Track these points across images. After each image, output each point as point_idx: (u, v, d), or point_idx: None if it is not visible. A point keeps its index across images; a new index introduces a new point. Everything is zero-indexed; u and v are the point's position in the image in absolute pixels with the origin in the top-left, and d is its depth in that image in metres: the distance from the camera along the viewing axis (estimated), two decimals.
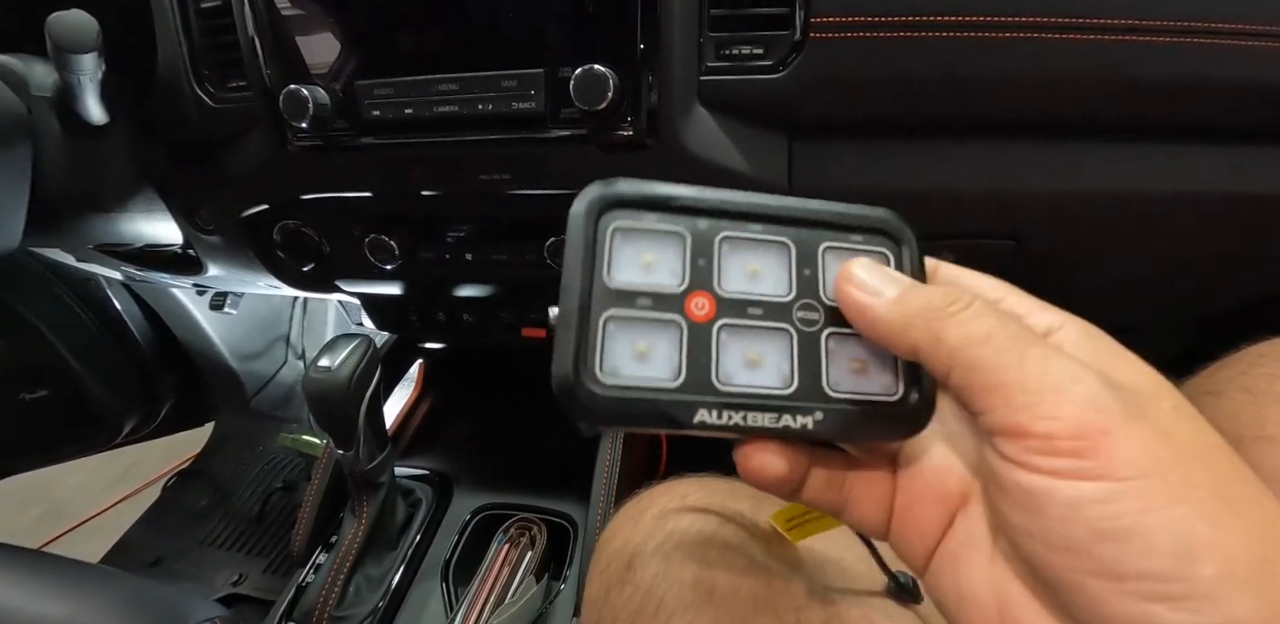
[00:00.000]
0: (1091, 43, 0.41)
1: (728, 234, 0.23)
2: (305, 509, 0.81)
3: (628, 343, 0.22)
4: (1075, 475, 0.17)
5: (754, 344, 0.23)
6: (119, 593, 0.49)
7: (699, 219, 0.23)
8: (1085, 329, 0.21)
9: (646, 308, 0.22)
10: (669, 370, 0.22)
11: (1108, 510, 0.17)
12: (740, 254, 0.23)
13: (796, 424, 0.22)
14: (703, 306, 0.22)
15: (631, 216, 0.23)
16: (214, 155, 0.58)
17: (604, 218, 0.23)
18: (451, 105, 0.47)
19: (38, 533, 1.23)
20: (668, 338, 0.22)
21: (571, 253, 0.22)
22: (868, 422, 0.23)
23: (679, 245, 0.23)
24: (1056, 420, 0.18)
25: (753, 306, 0.23)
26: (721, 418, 0.22)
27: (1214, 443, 0.19)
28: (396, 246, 0.58)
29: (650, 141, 0.46)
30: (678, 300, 0.22)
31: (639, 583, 0.35)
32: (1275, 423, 0.33)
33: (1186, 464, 0.18)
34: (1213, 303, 0.66)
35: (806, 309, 0.23)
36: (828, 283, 0.23)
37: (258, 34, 0.49)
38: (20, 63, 0.52)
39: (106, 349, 1.03)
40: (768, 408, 0.22)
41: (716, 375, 0.22)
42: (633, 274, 0.22)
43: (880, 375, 0.23)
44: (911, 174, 0.48)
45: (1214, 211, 0.50)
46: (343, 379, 0.66)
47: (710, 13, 0.44)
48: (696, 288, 0.22)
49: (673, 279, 0.22)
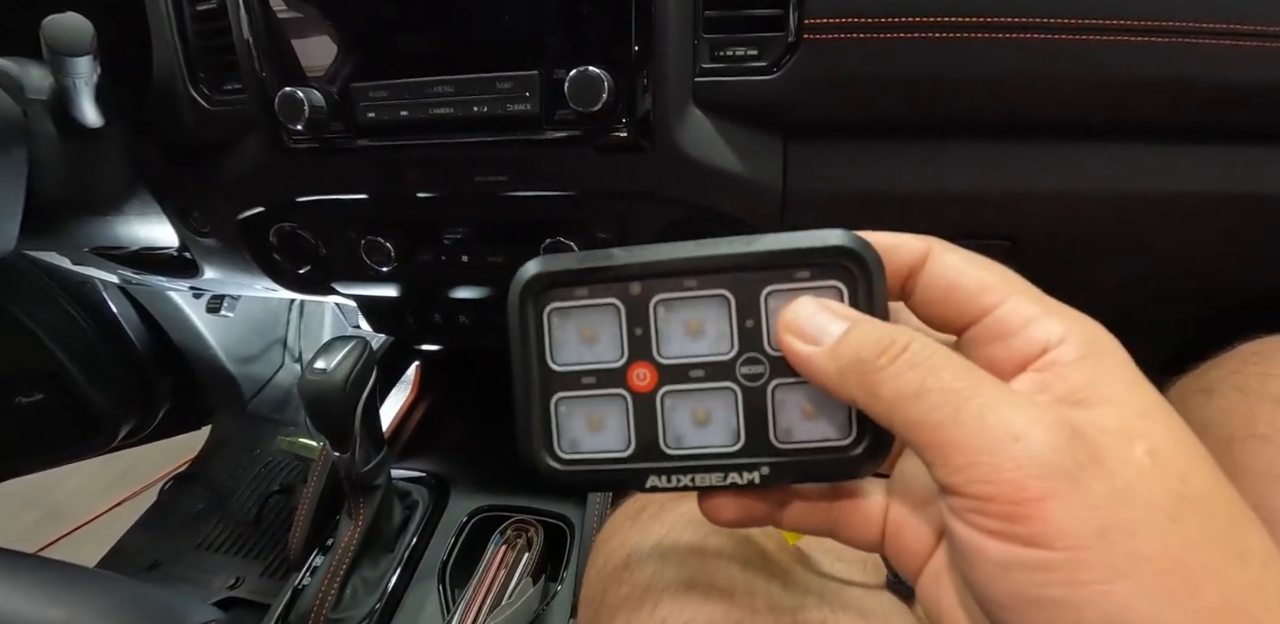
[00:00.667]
0: (1086, 43, 0.41)
1: (662, 297, 0.23)
2: (301, 512, 0.81)
3: (581, 418, 0.23)
4: (1008, 538, 0.16)
5: (700, 404, 0.23)
6: (116, 597, 0.49)
7: (632, 284, 0.23)
8: (1086, 343, 0.19)
9: (591, 386, 0.23)
10: (620, 441, 0.23)
11: (1036, 578, 0.16)
12: (678, 314, 0.23)
13: (744, 480, 0.22)
14: (644, 377, 0.23)
15: (565, 294, 0.23)
16: (210, 158, 0.58)
17: (540, 299, 0.23)
18: (447, 107, 0.47)
19: (35, 537, 1.23)
20: (615, 411, 0.23)
21: (514, 338, 0.23)
22: (817, 467, 0.22)
23: (614, 317, 0.23)
24: (991, 485, 0.16)
25: (694, 369, 0.23)
26: (671, 481, 0.23)
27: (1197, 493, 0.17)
28: (393, 249, 0.58)
29: (645, 143, 0.46)
30: (620, 374, 0.23)
31: (636, 582, 0.35)
32: (1267, 421, 0.34)
33: (1141, 532, 0.16)
34: (1209, 303, 0.66)
35: (750, 363, 0.22)
36: (771, 331, 0.22)
37: (253, 36, 0.49)
38: (15, 66, 0.52)
39: (102, 352, 1.03)
40: (714, 468, 0.23)
41: (664, 441, 0.23)
42: (575, 352, 0.23)
43: (833, 417, 0.22)
44: (906, 175, 0.48)
45: (1210, 211, 0.50)
46: (339, 381, 0.66)
47: (705, 14, 0.44)
48: (636, 359, 0.23)
49: (612, 353, 0.23)
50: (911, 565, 0.22)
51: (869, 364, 0.19)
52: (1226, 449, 0.34)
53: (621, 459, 0.23)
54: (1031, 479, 0.16)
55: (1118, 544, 0.16)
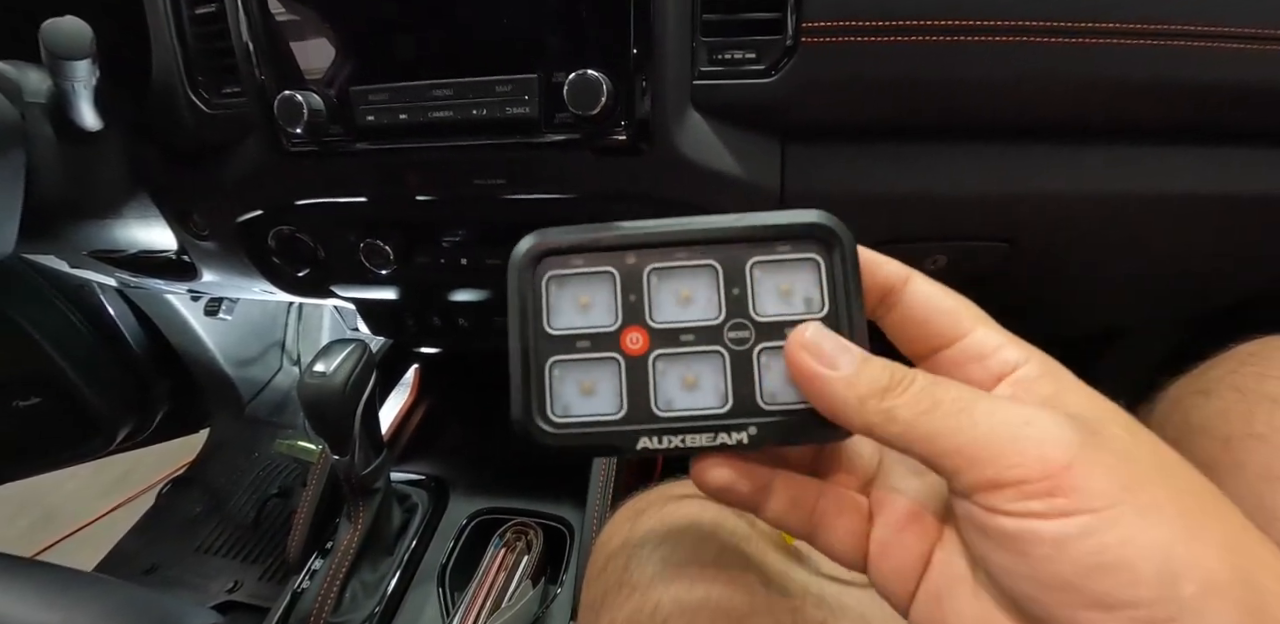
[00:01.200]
0: (1082, 46, 0.41)
1: (655, 266, 0.24)
2: (301, 515, 0.80)
3: (574, 382, 0.24)
4: (1054, 515, 0.18)
5: (689, 368, 0.24)
6: (113, 601, 0.49)
7: (627, 254, 0.24)
8: (1045, 362, 0.22)
9: (586, 350, 0.24)
10: (612, 404, 0.24)
11: (1091, 545, 0.18)
12: (670, 283, 0.24)
13: (732, 440, 0.24)
14: (637, 341, 0.24)
15: (563, 262, 0.24)
16: (209, 161, 0.58)
17: (539, 267, 0.24)
18: (446, 110, 0.47)
19: (31, 541, 1.23)
20: (608, 374, 0.24)
21: (512, 304, 0.24)
22: (802, 428, 0.24)
23: (609, 284, 0.24)
24: (1020, 467, 0.18)
25: (685, 333, 0.24)
26: (662, 442, 0.24)
27: (1170, 458, 0.20)
28: (392, 251, 0.58)
29: (644, 146, 0.46)
30: (613, 338, 0.24)
31: (635, 584, 0.35)
32: (1264, 421, 0.34)
33: (1151, 485, 0.18)
34: (1205, 303, 0.66)
35: (737, 329, 0.24)
36: (757, 299, 0.24)
37: (252, 40, 0.49)
38: (14, 69, 0.52)
39: (100, 356, 1.02)
40: (703, 429, 0.24)
41: (655, 403, 0.24)
42: (570, 318, 0.24)
43: None
44: (904, 177, 0.48)
45: (1207, 212, 0.50)
46: (338, 384, 0.66)
47: (703, 18, 0.44)
48: (630, 323, 0.24)
49: (607, 318, 0.24)
50: (902, 589, 0.23)
51: (890, 392, 0.21)
52: (1224, 449, 0.34)
53: (613, 422, 0.24)
54: (1053, 450, 0.18)
55: (1140, 495, 0.18)
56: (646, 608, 0.33)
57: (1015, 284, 0.58)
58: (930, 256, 0.53)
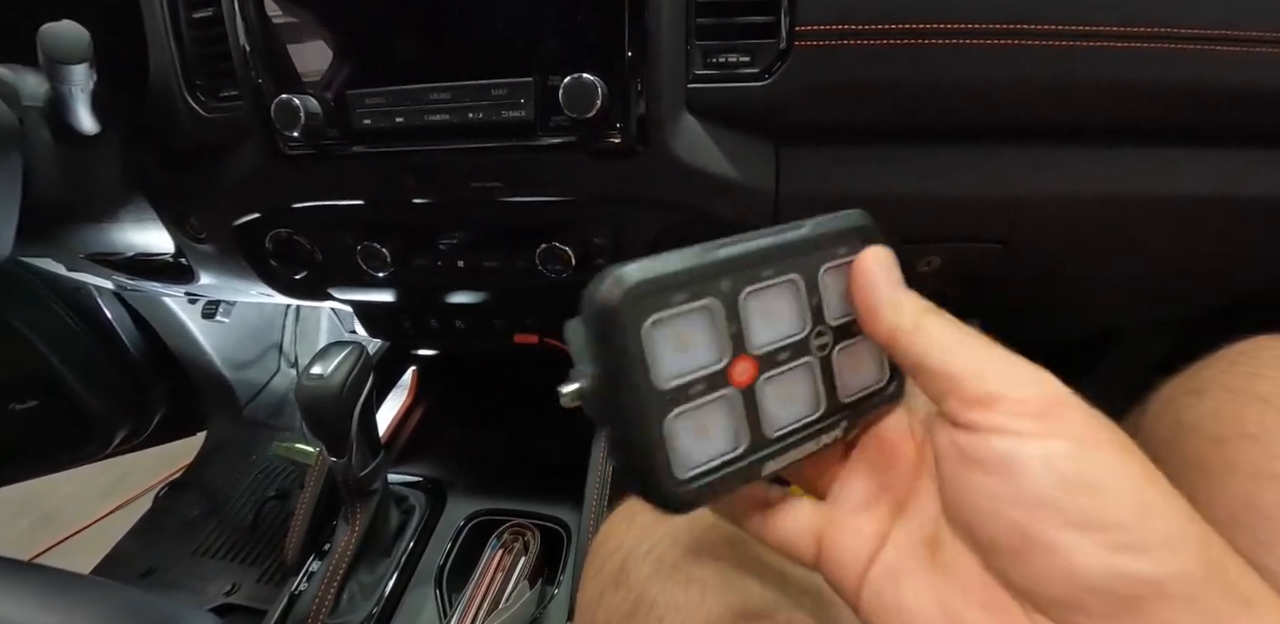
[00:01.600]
0: (1076, 49, 0.42)
1: (751, 289, 0.22)
2: (298, 517, 0.80)
3: (690, 431, 0.22)
4: (1045, 434, 0.19)
5: (786, 385, 0.24)
6: (110, 604, 0.49)
7: (722, 281, 0.22)
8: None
9: (699, 394, 0.22)
10: (731, 441, 0.23)
11: (1077, 466, 0.19)
12: (760, 304, 0.23)
13: (830, 438, 0.25)
14: (745, 371, 0.23)
15: (662, 301, 0.21)
16: (206, 164, 0.58)
17: (638, 310, 0.20)
18: (442, 114, 0.47)
19: (28, 544, 1.22)
20: (723, 412, 0.23)
21: (602, 360, 0.20)
22: (870, 410, 0.25)
23: (707, 316, 0.22)
24: (1028, 388, 0.20)
25: (781, 352, 0.24)
26: (781, 461, 0.24)
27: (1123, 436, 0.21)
28: (389, 254, 0.58)
29: (639, 149, 0.46)
30: (723, 375, 0.22)
31: (632, 585, 0.35)
32: (1255, 420, 0.34)
33: (1121, 441, 0.20)
34: (1201, 303, 0.66)
35: (819, 336, 0.24)
36: (829, 304, 0.24)
37: (249, 44, 0.49)
38: (11, 73, 0.52)
39: (97, 358, 1.02)
40: (808, 437, 0.24)
41: (768, 426, 0.23)
42: (676, 364, 0.21)
43: (872, 366, 0.26)
44: (898, 179, 0.49)
45: (1203, 213, 0.51)
46: (335, 386, 0.66)
47: (697, 22, 0.45)
48: (736, 355, 0.22)
49: (712, 354, 0.22)
50: (852, 573, 0.23)
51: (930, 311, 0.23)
52: (1216, 449, 0.34)
53: (736, 458, 0.23)
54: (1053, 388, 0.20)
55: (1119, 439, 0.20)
56: (642, 609, 0.33)
57: (1012, 285, 0.58)
58: (925, 258, 0.53)
